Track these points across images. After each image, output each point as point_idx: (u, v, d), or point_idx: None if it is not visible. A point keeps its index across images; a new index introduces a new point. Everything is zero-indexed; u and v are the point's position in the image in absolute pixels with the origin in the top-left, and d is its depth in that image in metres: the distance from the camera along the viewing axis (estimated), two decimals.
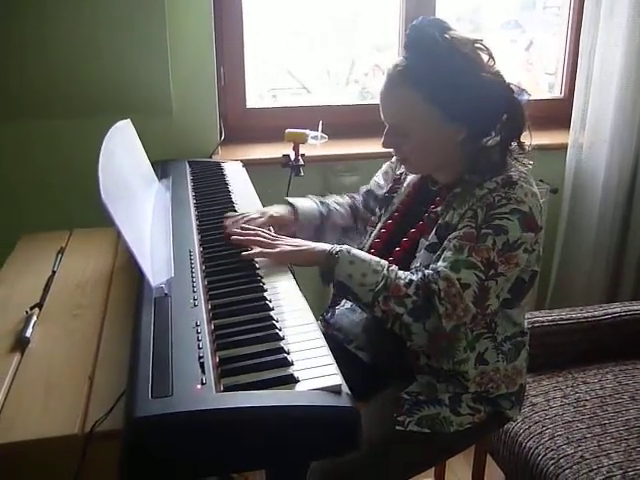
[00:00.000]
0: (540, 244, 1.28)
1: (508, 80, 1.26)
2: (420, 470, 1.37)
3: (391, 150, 1.35)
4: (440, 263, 1.19)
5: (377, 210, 1.52)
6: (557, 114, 2.50)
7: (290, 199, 1.54)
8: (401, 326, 1.17)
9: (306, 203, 1.54)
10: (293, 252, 1.26)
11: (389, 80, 1.26)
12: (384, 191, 1.52)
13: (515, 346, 1.35)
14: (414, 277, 1.18)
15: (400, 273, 1.19)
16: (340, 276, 1.20)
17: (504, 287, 1.22)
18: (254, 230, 1.33)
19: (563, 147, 2.35)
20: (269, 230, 1.39)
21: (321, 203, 1.56)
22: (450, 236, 1.23)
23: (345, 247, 1.23)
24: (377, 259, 1.22)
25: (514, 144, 1.28)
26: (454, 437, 1.31)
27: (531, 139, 1.30)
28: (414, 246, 1.33)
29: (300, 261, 1.26)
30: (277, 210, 1.50)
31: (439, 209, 1.31)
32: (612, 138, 2.29)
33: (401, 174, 1.51)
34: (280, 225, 1.46)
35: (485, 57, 1.25)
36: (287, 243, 1.28)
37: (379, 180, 1.57)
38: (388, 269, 1.20)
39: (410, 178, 1.46)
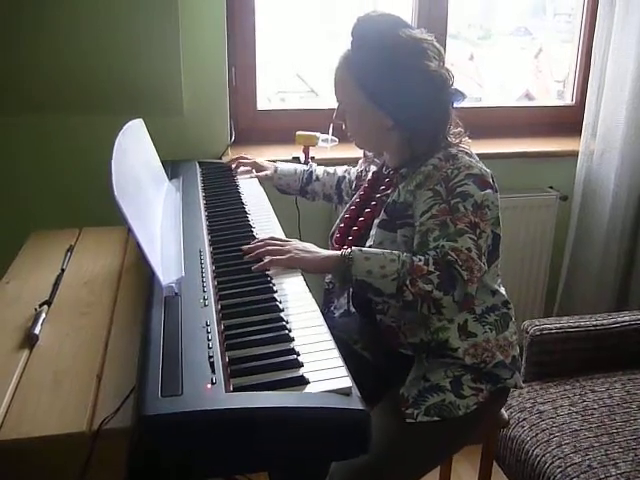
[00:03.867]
0: (498, 207, 1.33)
1: (447, 81, 1.33)
2: (440, 460, 1.41)
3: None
4: (435, 243, 1.22)
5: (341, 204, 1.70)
6: (568, 121, 2.49)
7: (280, 163, 1.85)
8: (430, 304, 1.18)
9: (289, 167, 1.82)
10: (304, 259, 1.25)
11: (338, 60, 1.38)
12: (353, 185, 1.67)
13: (501, 317, 1.37)
14: (428, 256, 1.20)
15: (414, 257, 1.21)
16: (359, 275, 1.21)
17: (487, 243, 1.28)
18: (263, 241, 1.30)
19: (574, 154, 2.34)
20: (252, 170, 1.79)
21: (307, 172, 1.79)
22: (421, 219, 1.27)
23: (355, 247, 1.24)
24: (388, 250, 1.24)
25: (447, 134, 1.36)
26: (464, 420, 1.32)
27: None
28: (369, 227, 1.41)
29: (311, 268, 1.25)
30: (264, 161, 1.87)
31: (389, 191, 1.40)
32: (623, 146, 2.28)
33: (361, 172, 1.63)
34: (258, 171, 1.83)
35: (432, 57, 1.31)
36: (298, 248, 1.27)
37: (353, 175, 1.69)
38: (403, 255, 1.21)
39: (370, 172, 1.55)
